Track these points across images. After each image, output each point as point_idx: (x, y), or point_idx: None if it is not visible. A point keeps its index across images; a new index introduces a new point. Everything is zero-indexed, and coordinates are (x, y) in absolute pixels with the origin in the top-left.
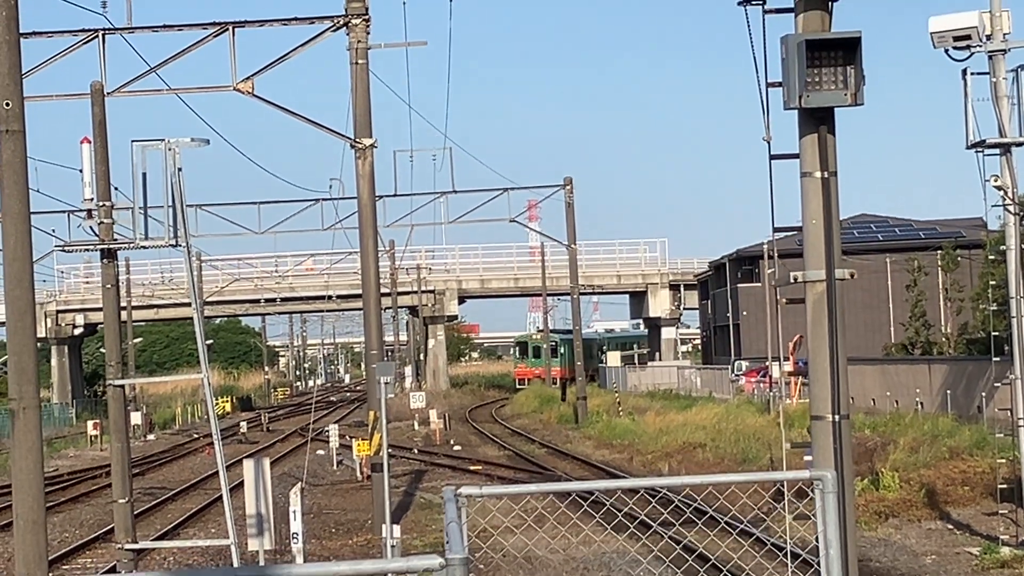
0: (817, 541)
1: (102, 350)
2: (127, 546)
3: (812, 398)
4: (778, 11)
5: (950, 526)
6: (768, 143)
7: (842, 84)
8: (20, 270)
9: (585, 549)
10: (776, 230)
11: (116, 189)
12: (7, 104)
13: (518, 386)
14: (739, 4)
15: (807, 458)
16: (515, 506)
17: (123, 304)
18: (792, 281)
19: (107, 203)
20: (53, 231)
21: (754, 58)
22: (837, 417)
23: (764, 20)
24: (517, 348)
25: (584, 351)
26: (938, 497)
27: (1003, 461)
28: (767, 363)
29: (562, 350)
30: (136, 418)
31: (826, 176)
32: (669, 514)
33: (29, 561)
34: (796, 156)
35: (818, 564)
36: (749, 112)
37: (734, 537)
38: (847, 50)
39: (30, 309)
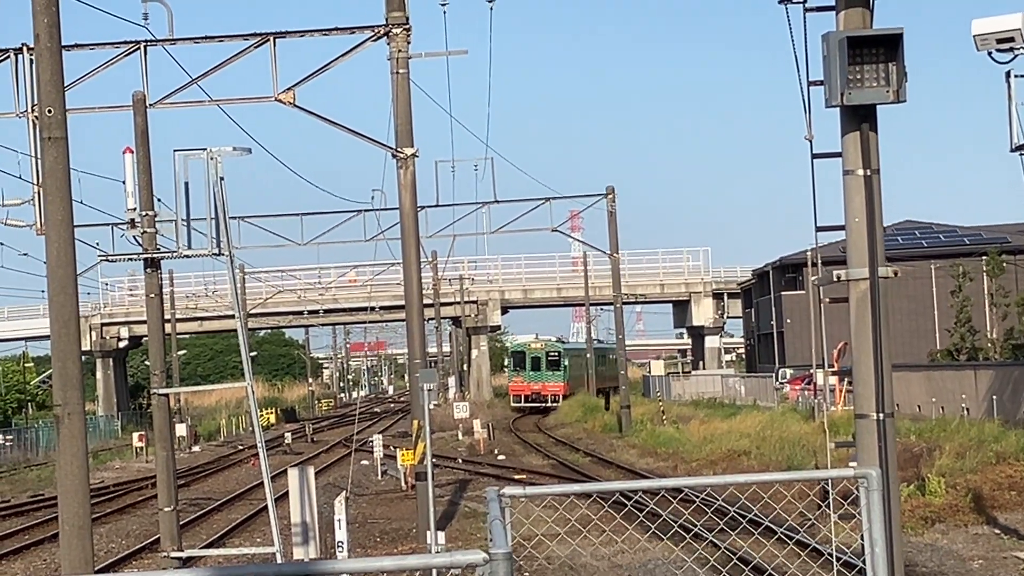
0: (862, 540)
1: (147, 363)
2: (172, 554)
3: (856, 396)
4: (819, 9)
5: (997, 531)
6: (810, 142)
7: (884, 81)
8: (64, 277)
9: (631, 556)
10: (819, 229)
11: (159, 200)
12: (49, 111)
13: (513, 404)
14: (779, 3)
15: (854, 463)
16: (559, 506)
17: (167, 316)
18: (835, 280)
19: (150, 213)
20: (97, 244)
21: (795, 57)
22: (881, 415)
23: (805, 18)
24: (512, 358)
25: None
26: (985, 502)
27: None
28: (811, 371)
29: (565, 362)
30: (181, 430)
31: (868, 174)
32: (710, 519)
33: (75, 566)
34: (838, 155)
35: (863, 564)
36: (792, 119)
37: (778, 537)
38: (889, 47)
39: (74, 316)
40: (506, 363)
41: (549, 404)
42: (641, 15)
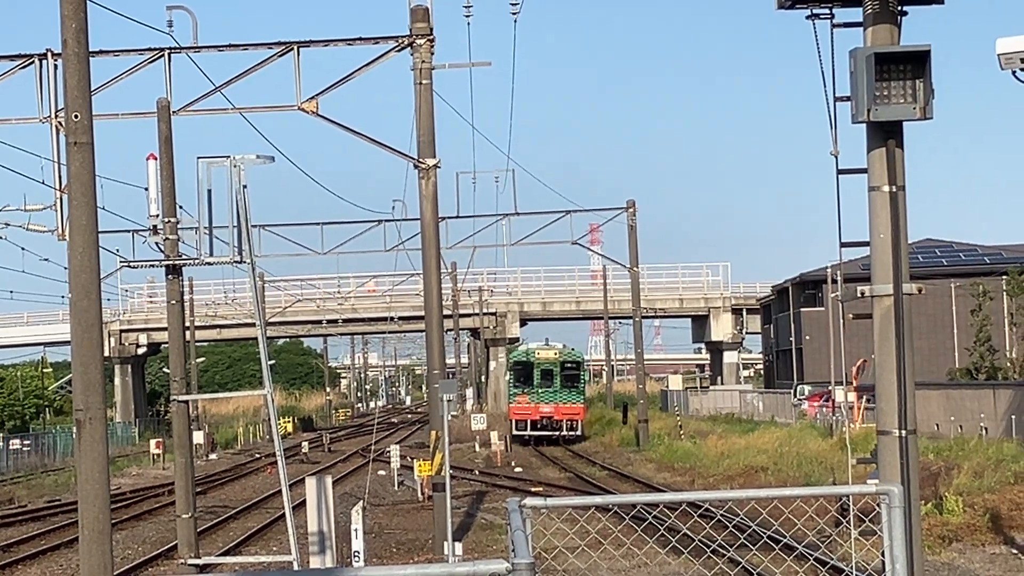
0: (883, 557)
1: (164, 370)
2: (190, 561)
3: (879, 413)
4: (847, 25)
5: (1015, 551)
6: (836, 158)
7: (911, 98)
8: (87, 282)
9: (650, 569)
10: (844, 245)
11: (181, 208)
12: (76, 116)
13: (515, 432)
14: (807, 18)
15: (871, 479)
16: (579, 519)
17: (186, 324)
18: (859, 296)
19: (173, 219)
20: (117, 250)
21: (822, 72)
22: (904, 432)
23: (832, 34)
24: (513, 371)
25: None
26: (1003, 522)
27: None
28: (830, 387)
29: (586, 377)
30: (198, 437)
31: (894, 190)
32: (730, 534)
33: (94, 572)
34: (864, 171)
35: None
36: (813, 135)
37: (798, 554)
38: (916, 63)
39: (97, 321)
40: (507, 376)
41: (564, 433)
42: (664, 28)
